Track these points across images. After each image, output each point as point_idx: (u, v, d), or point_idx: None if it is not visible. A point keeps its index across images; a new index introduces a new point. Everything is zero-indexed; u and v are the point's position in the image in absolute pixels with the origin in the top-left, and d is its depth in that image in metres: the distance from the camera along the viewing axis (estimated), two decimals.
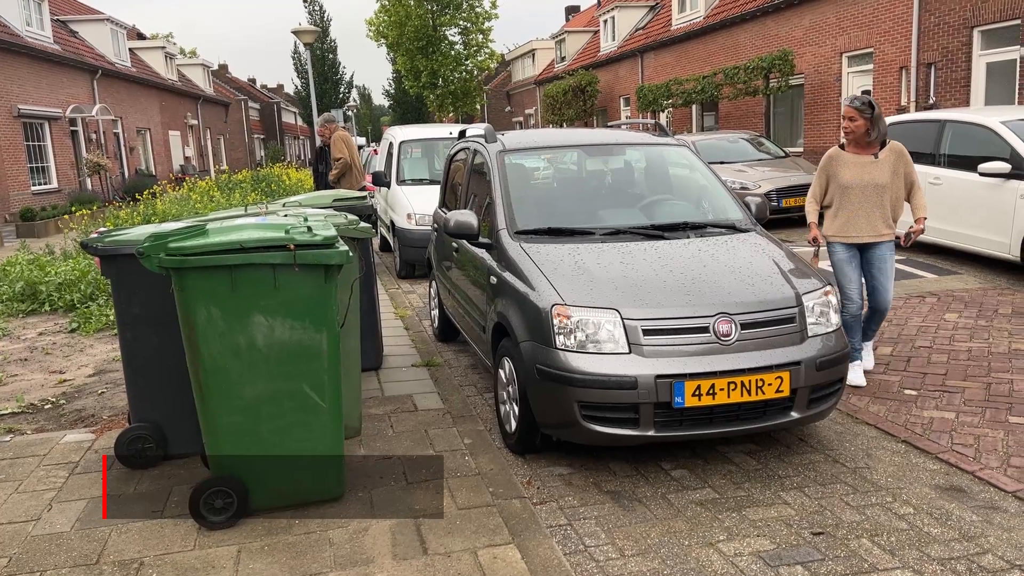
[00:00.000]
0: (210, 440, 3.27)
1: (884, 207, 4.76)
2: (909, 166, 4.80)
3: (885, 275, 4.83)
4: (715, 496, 3.57)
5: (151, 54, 32.94)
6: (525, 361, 3.81)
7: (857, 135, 4.71)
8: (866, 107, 4.65)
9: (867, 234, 4.78)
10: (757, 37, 19.92)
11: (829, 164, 4.89)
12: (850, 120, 4.71)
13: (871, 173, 4.72)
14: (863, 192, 4.73)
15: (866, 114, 4.66)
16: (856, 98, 4.71)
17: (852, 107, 4.69)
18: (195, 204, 13.34)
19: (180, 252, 3.07)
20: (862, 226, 4.78)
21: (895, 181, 4.75)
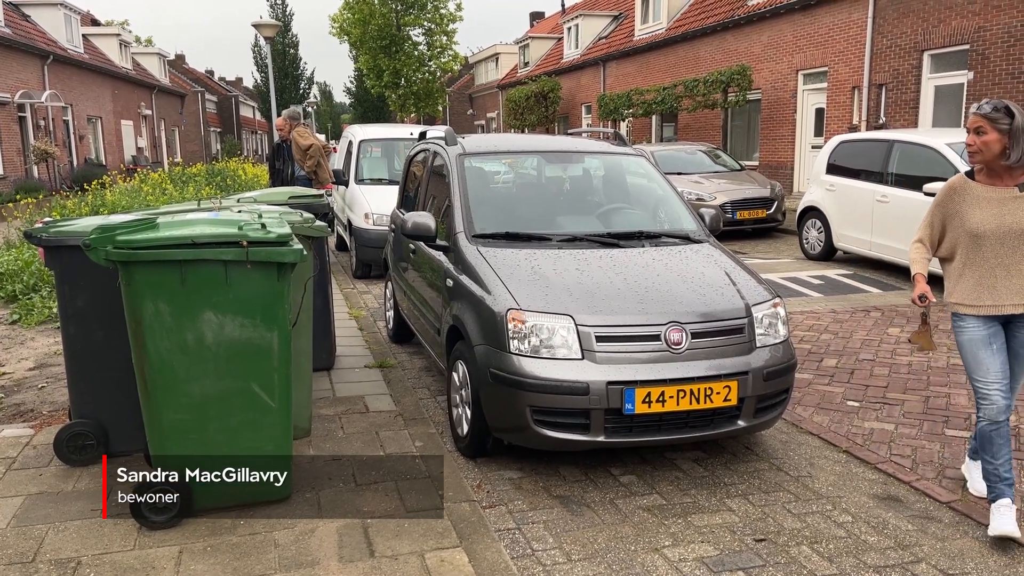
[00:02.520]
0: (154, 438, 3.21)
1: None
2: None
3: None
4: (662, 502, 3.62)
5: (105, 41, 32.12)
6: (479, 365, 3.82)
7: (988, 156, 3.20)
8: (1002, 115, 3.16)
9: (1010, 301, 3.28)
10: (717, 51, 20.28)
11: (949, 200, 3.38)
12: (976, 133, 3.20)
13: (1015, 214, 3.22)
14: (1003, 242, 3.24)
15: (1002, 124, 3.15)
16: (988, 102, 3.23)
17: (980, 114, 3.20)
18: (146, 196, 13.03)
19: (128, 245, 3.00)
20: (1002, 291, 3.27)
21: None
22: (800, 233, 10.70)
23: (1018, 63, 12.09)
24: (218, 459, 3.25)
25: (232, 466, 3.27)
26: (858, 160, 9.62)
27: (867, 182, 9.26)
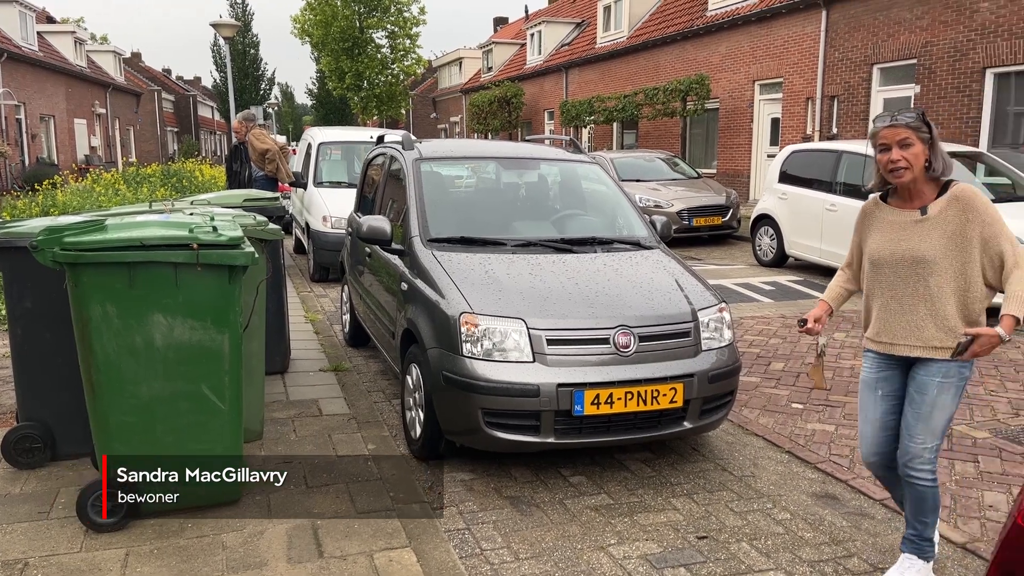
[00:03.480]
0: (100, 440, 3.20)
1: (937, 299, 2.77)
2: (991, 224, 2.72)
3: (918, 411, 2.84)
4: (610, 502, 3.70)
5: (60, 38, 31.41)
6: (432, 368, 3.87)
7: (917, 171, 2.76)
8: (923, 124, 2.74)
9: (904, 341, 2.85)
10: (677, 60, 20.61)
11: (862, 223, 3.07)
12: (902, 146, 2.74)
13: (911, 240, 2.80)
14: (896, 271, 2.85)
15: (924, 135, 2.74)
16: (905, 112, 2.77)
17: (903, 125, 2.73)
18: (99, 197, 12.78)
19: (76, 247, 2.99)
20: (896, 329, 2.87)
21: (957, 253, 2.74)
22: (753, 240, 10.95)
23: (963, 77, 12.53)
24: (167, 461, 3.25)
25: (181, 468, 3.27)
26: (809, 169, 9.89)
27: (817, 191, 9.53)
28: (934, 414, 2.81)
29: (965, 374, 2.82)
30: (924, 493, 2.85)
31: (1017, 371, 5.76)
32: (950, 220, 2.75)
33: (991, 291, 2.78)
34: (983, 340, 2.61)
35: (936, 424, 2.81)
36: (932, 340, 2.79)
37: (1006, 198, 8.31)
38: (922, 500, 2.87)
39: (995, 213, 2.73)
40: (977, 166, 9.24)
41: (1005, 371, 5.76)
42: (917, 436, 2.82)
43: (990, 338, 2.60)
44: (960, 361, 2.76)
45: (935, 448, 2.84)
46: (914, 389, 2.86)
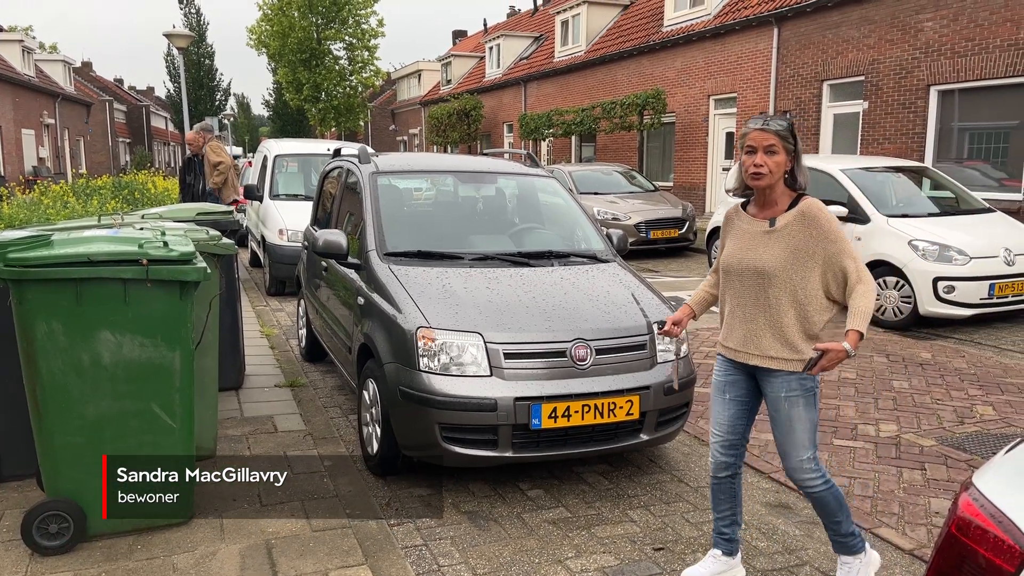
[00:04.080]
0: (45, 461, 3.11)
1: (775, 310, 2.81)
2: (834, 242, 2.74)
3: (780, 427, 2.88)
4: (567, 515, 3.71)
5: (7, 47, 30.62)
6: (388, 383, 3.84)
7: (775, 179, 2.79)
8: (790, 133, 2.76)
9: (744, 349, 2.91)
10: (634, 75, 20.90)
11: (724, 230, 3.11)
12: (767, 152, 2.75)
13: (757, 250, 2.84)
14: (742, 280, 2.89)
15: (789, 144, 2.76)
16: (774, 117, 2.79)
17: (772, 131, 2.74)
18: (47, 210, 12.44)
19: (20, 263, 2.92)
20: (738, 336, 2.94)
21: (798, 268, 2.77)
22: (709, 252, 11.12)
23: (908, 94, 12.94)
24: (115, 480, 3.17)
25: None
26: None
27: None
28: (795, 428, 2.85)
29: (808, 384, 2.83)
30: (824, 498, 2.89)
31: (962, 380, 5.93)
32: (794, 234, 2.78)
33: (833, 305, 2.84)
34: (830, 355, 2.66)
35: (800, 437, 2.85)
36: (769, 350, 2.84)
37: (951, 211, 8.59)
38: (825, 504, 2.91)
39: (838, 230, 2.77)
40: (923, 180, 9.53)
41: (950, 380, 5.93)
42: (790, 453, 2.88)
43: (837, 353, 2.66)
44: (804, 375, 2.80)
45: (811, 457, 2.86)
46: (770, 408, 2.92)
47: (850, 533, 2.98)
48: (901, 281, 7.63)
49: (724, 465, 3.06)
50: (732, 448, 3.05)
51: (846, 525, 2.96)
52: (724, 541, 3.12)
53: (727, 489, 3.09)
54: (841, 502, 2.94)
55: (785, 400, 2.84)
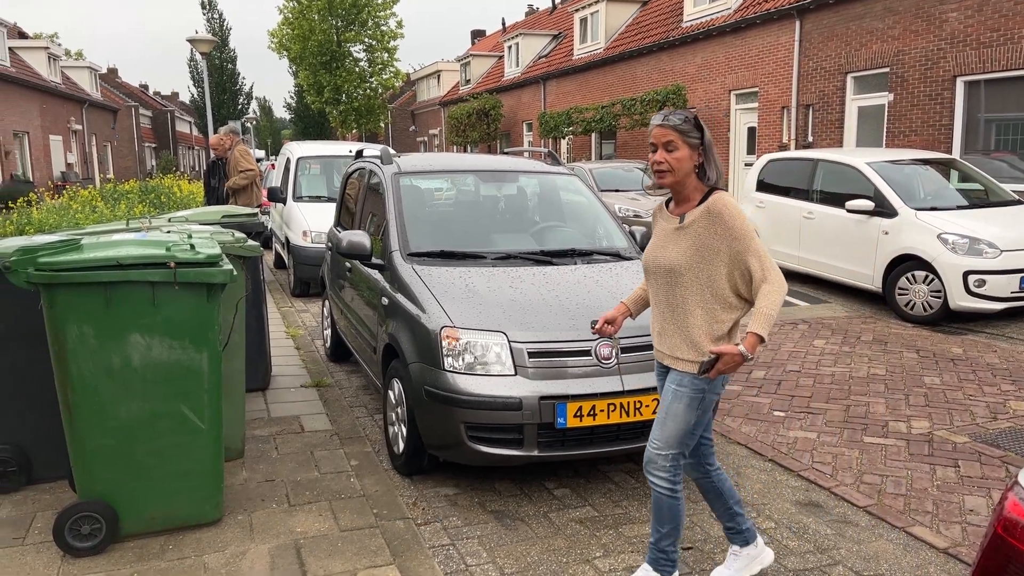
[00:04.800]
0: (78, 463, 3.14)
1: (682, 309, 2.77)
2: (739, 238, 2.66)
3: (659, 414, 2.84)
4: (595, 514, 3.69)
5: (33, 54, 31.11)
6: (413, 382, 3.85)
7: (680, 176, 2.74)
8: (692, 127, 2.70)
9: (659, 347, 2.90)
10: (653, 71, 20.79)
11: (652, 227, 3.09)
12: (666, 148, 2.71)
13: (667, 248, 2.80)
14: (655, 278, 2.86)
15: (693, 139, 2.70)
16: (674, 113, 2.73)
17: (670, 127, 2.69)
18: (76, 214, 12.64)
19: (51, 268, 2.95)
20: (656, 334, 2.91)
21: (704, 265, 2.71)
22: None
23: (934, 85, 12.73)
24: (146, 483, 3.20)
25: (160, 490, 3.23)
26: (786, 178, 9.99)
27: (794, 199, 9.62)
28: (667, 421, 2.78)
29: (700, 386, 2.74)
30: (659, 499, 2.83)
31: (994, 375, 5.83)
32: (700, 231, 2.71)
33: (744, 304, 2.77)
34: (726, 358, 2.60)
35: (669, 432, 2.77)
36: (676, 350, 2.79)
37: (980, 204, 8.44)
38: (658, 506, 2.84)
39: (743, 226, 2.66)
40: (951, 172, 9.37)
41: (983, 375, 5.83)
42: (653, 440, 2.81)
43: (733, 356, 2.59)
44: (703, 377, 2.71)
45: (671, 457, 2.77)
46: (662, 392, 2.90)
47: (664, 551, 2.88)
48: (930, 275, 7.52)
49: (689, 467, 2.99)
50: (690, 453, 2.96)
51: (666, 541, 2.87)
52: (735, 534, 3.07)
53: (708, 487, 3.04)
54: (675, 517, 2.83)
55: (673, 392, 2.79)
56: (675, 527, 2.85)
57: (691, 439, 2.80)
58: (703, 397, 2.76)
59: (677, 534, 2.87)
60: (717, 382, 2.77)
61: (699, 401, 2.76)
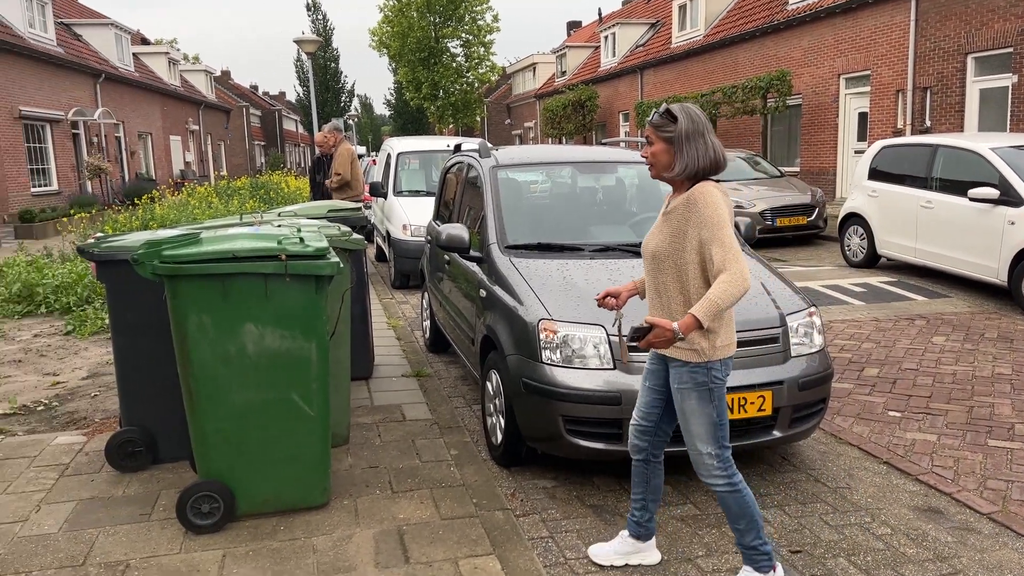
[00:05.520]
0: (198, 445, 3.32)
1: (665, 296, 2.81)
2: (707, 227, 2.65)
3: (679, 419, 2.85)
4: (696, 512, 3.61)
5: (154, 59, 33.10)
6: (511, 374, 3.86)
7: (659, 168, 2.81)
8: (666, 121, 2.77)
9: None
10: (756, 57, 20.10)
11: None
12: (648, 143, 2.83)
13: (653, 234, 2.88)
14: (647, 265, 2.91)
15: (666, 132, 2.76)
16: (658, 110, 2.83)
17: (648, 123, 2.84)
18: (193, 210, 13.40)
19: (174, 260, 3.12)
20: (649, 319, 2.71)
21: (679, 252, 2.75)
22: (842, 240, 10.54)
23: None
24: (259, 466, 3.35)
25: (272, 474, 3.37)
26: (901, 165, 9.46)
27: (911, 188, 9.10)
28: (689, 421, 2.79)
29: (698, 378, 2.74)
30: (724, 499, 2.83)
31: None
32: (678, 218, 2.75)
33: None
34: (657, 331, 2.61)
35: (696, 430, 2.78)
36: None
37: None
38: (725, 506, 2.84)
39: (715, 215, 2.64)
40: None
41: None
42: (691, 446, 2.83)
43: (664, 331, 2.60)
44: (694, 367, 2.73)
45: (714, 455, 2.78)
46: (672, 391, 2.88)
47: (752, 547, 2.85)
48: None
49: (636, 448, 3.08)
50: (644, 433, 3.05)
51: (749, 537, 2.84)
52: (633, 524, 3.15)
53: (639, 472, 3.10)
54: (745, 510, 2.81)
55: (678, 392, 2.81)
56: (751, 520, 2.83)
57: (721, 430, 2.80)
58: (710, 388, 2.76)
59: (756, 526, 2.84)
60: (716, 373, 2.76)
61: (709, 393, 2.76)
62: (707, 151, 2.73)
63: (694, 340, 2.72)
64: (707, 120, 2.81)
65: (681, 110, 2.75)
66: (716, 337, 2.74)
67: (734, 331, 2.85)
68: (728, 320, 2.81)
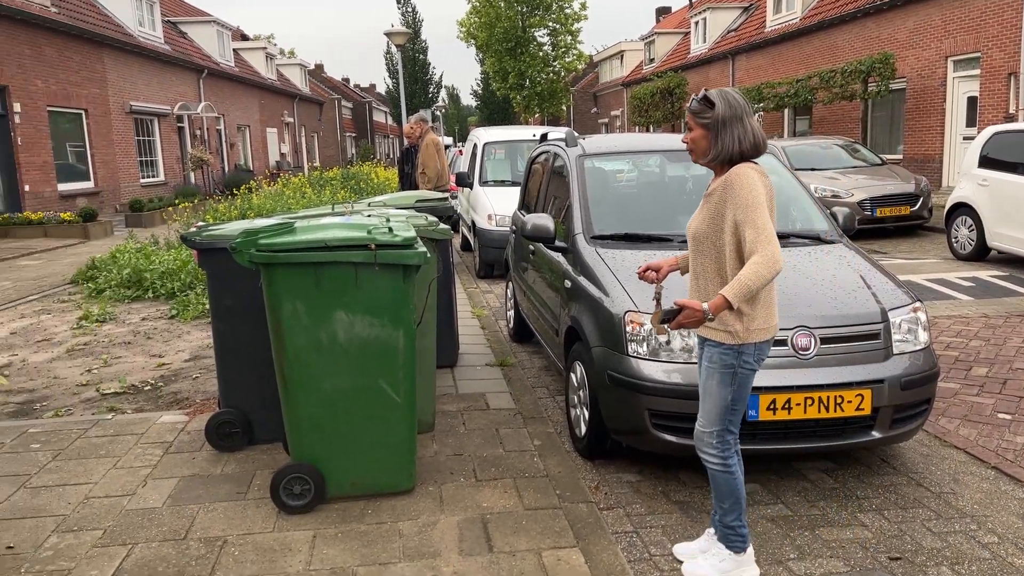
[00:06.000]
0: (291, 429, 3.43)
1: (704, 278, 2.82)
2: (742, 208, 2.63)
3: (701, 396, 2.89)
4: (787, 513, 3.49)
5: (253, 54, 34.38)
6: (596, 366, 3.82)
7: (699, 154, 2.81)
8: (704, 107, 2.75)
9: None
10: (856, 39, 19.21)
11: None
12: (688, 129, 2.85)
13: (694, 217, 2.90)
14: (690, 247, 2.93)
15: (703, 118, 2.75)
16: (696, 97, 2.81)
17: (687, 109, 2.84)
18: (288, 199, 13.86)
19: (269, 248, 3.22)
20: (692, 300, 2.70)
21: (717, 234, 2.75)
22: (948, 231, 9.98)
23: None
24: (348, 451, 3.44)
25: (361, 458, 3.45)
26: (1015, 152, 8.86)
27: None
28: (706, 398, 2.85)
29: (726, 360, 2.76)
30: (713, 474, 2.89)
31: None
32: (716, 200, 2.75)
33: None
34: (687, 312, 2.61)
35: (709, 409, 2.84)
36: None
37: None
38: (714, 481, 2.90)
39: (750, 197, 2.62)
40: None
41: None
42: (699, 417, 2.90)
43: (694, 311, 2.60)
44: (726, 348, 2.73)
45: (715, 434, 2.83)
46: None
47: (731, 527, 2.90)
48: None
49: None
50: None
51: (731, 516, 2.89)
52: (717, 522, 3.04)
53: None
54: (734, 491, 2.86)
55: (705, 369, 2.85)
56: (736, 501, 2.88)
57: (733, 415, 2.83)
58: (734, 372, 2.77)
59: (740, 508, 2.89)
60: (747, 358, 2.75)
61: (731, 376, 2.77)
62: (745, 135, 2.72)
63: (729, 322, 2.72)
64: (747, 104, 2.80)
65: (719, 96, 2.74)
66: (752, 320, 2.72)
67: (775, 315, 2.83)
68: (767, 303, 2.78)
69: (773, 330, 2.80)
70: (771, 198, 2.76)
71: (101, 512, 3.46)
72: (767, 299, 2.77)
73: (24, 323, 7.59)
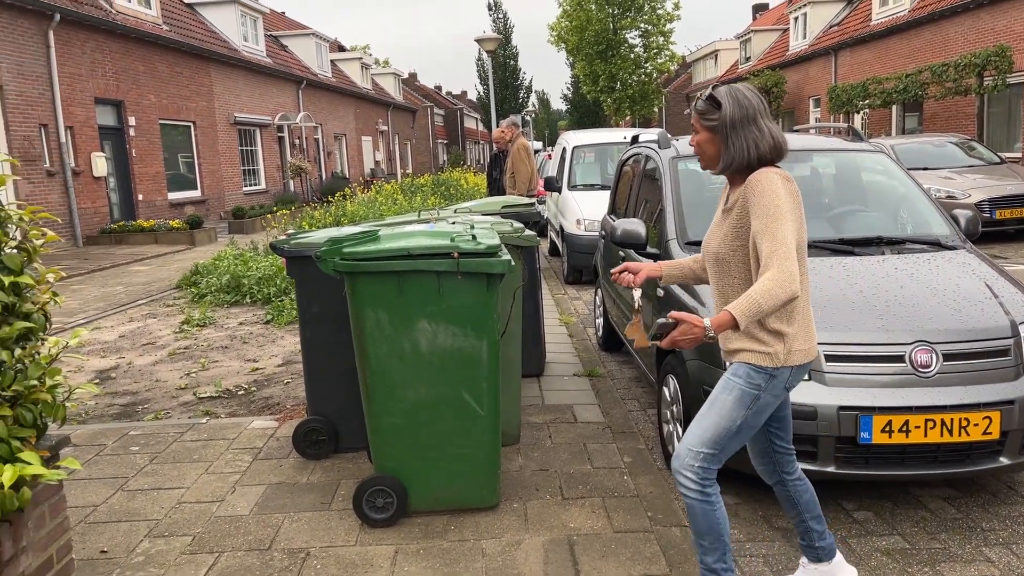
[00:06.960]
0: (373, 439, 3.37)
1: (728, 298, 2.54)
2: (759, 216, 2.33)
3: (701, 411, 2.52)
4: (905, 545, 3.18)
5: (349, 65, 35.38)
6: (691, 380, 3.61)
7: (706, 160, 2.55)
8: (710, 107, 2.48)
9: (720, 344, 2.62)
10: (969, 31, 18.02)
11: None
12: (695, 132, 2.57)
13: (713, 234, 2.60)
14: (709, 267, 2.63)
15: (709, 120, 2.48)
16: (704, 95, 2.52)
17: (693, 110, 2.56)
18: (380, 206, 14.10)
19: (353, 257, 3.18)
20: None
21: (744, 250, 2.46)
22: None
23: None
24: (430, 463, 3.35)
25: (443, 471, 3.36)
26: None
27: None
28: (708, 412, 2.47)
29: (755, 380, 2.42)
30: (691, 506, 2.48)
31: None
32: (737, 212, 2.45)
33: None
34: (684, 327, 2.29)
35: (707, 424, 2.45)
36: (731, 342, 2.51)
37: None
38: (691, 512, 2.49)
39: (771, 204, 2.31)
40: None
41: None
42: (687, 433, 2.50)
43: (691, 327, 2.28)
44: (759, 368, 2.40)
45: (702, 457, 2.43)
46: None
47: (713, 569, 2.51)
48: None
49: (763, 473, 2.80)
50: (761, 455, 2.76)
51: (712, 557, 2.50)
52: (806, 548, 2.79)
53: (782, 496, 2.79)
54: (714, 527, 2.46)
55: (724, 381, 2.49)
56: (716, 538, 2.49)
57: (731, 443, 2.46)
58: (757, 396, 2.43)
59: (722, 547, 2.50)
60: (778, 384, 2.43)
61: (752, 399, 2.43)
62: (762, 138, 2.41)
63: (769, 342, 2.42)
64: (761, 102, 2.47)
65: (727, 94, 2.44)
66: (793, 340, 2.42)
67: (814, 334, 2.50)
68: (805, 321, 2.47)
69: (814, 352, 2.49)
70: (798, 206, 2.40)
71: (191, 518, 3.50)
72: (804, 316, 2.47)
73: (132, 327, 7.94)
